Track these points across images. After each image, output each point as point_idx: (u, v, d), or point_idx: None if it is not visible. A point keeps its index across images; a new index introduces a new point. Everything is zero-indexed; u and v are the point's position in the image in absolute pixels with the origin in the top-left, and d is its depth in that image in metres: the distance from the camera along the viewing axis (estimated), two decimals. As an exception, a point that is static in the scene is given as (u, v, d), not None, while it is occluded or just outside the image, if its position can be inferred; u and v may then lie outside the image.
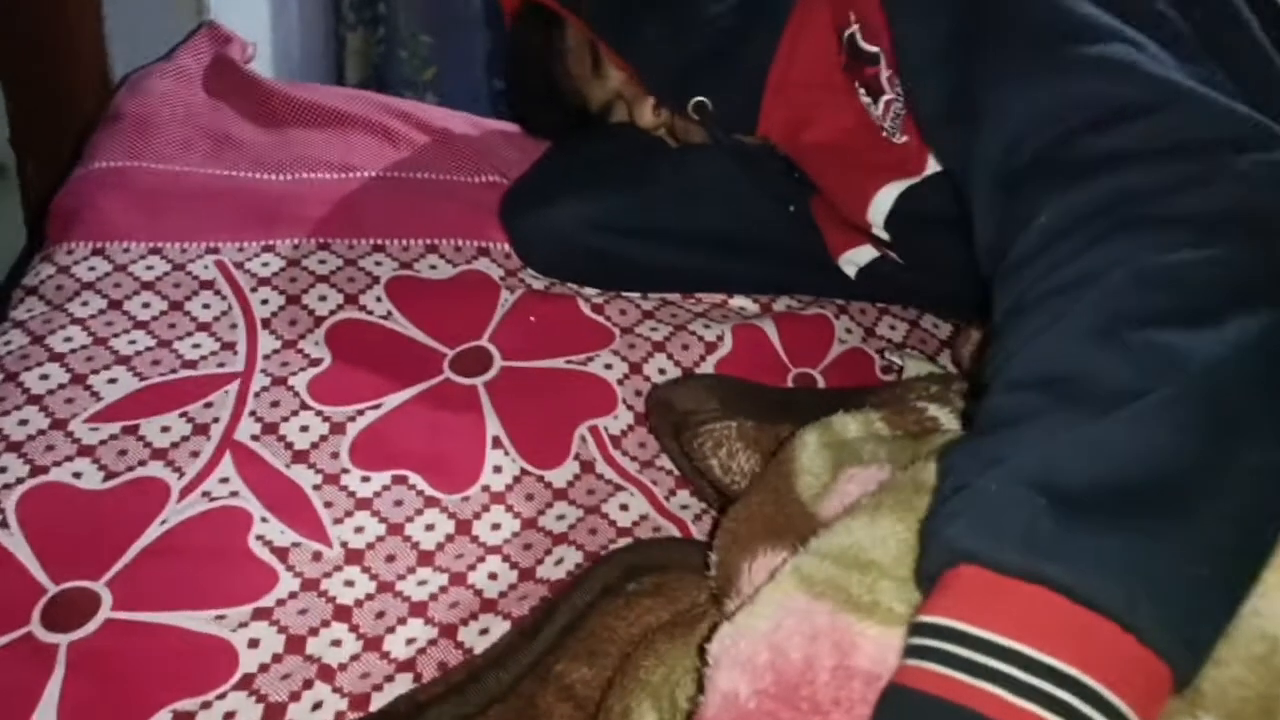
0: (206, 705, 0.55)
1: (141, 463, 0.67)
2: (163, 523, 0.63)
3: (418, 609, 0.62)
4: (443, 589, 0.63)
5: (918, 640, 0.40)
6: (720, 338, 0.83)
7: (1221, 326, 0.41)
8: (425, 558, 0.65)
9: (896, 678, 0.40)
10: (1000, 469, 0.41)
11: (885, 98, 0.69)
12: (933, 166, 0.69)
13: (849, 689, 0.43)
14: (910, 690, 0.39)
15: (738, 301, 0.90)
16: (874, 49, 0.67)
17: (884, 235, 0.74)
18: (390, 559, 0.64)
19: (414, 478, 0.69)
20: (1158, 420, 0.39)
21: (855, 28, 0.69)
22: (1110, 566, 0.37)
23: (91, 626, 0.57)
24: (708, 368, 0.81)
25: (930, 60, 0.57)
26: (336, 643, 0.59)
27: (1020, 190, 0.50)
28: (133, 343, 0.75)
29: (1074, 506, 0.38)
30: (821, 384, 0.82)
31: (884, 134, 0.71)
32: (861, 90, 0.71)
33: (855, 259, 0.83)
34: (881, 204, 0.72)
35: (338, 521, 0.66)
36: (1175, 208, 0.44)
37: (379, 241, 0.87)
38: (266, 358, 0.76)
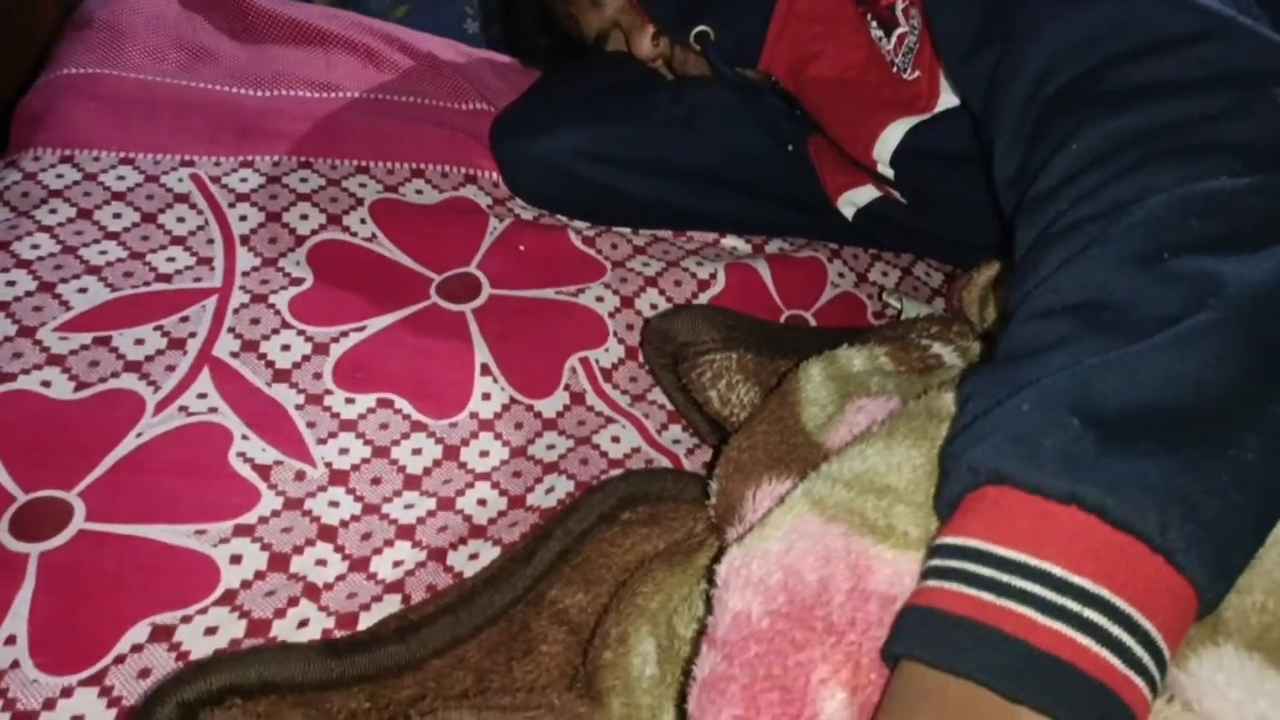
0: (187, 619, 0.53)
1: (114, 374, 0.64)
2: (138, 435, 0.61)
3: (405, 532, 0.60)
4: (430, 513, 0.62)
5: (939, 561, 0.39)
6: (713, 275, 0.81)
7: (1260, 254, 0.40)
8: (412, 482, 0.63)
9: (916, 598, 0.39)
10: (1032, 391, 0.40)
11: (899, 30, 0.68)
12: (944, 103, 0.68)
13: (865, 611, 0.43)
14: (931, 609, 0.38)
15: (729, 241, 0.88)
16: (890, -21, 0.66)
17: (889, 173, 0.73)
18: (376, 481, 0.62)
19: (400, 401, 0.67)
20: (1196, 346, 0.39)
21: (871, -44, 0.67)
22: (1145, 489, 0.36)
23: (63, 537, 0.55)
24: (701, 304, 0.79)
25: None
26: (322, 562, 0.57)
27: (1051, 121, 0.48)
28: (104, 253, 0.72)
29: (1109, 429, 0.38)
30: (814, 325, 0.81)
31: (894, 69, 0.70)
32: (874, 23, 0.70)
33: (855, 199, 0.82)
34: (889, 141, 0.71)
35: (321, 442, 0.63)
36: (1216, 136, 0.43)
37: (362, 163, 0.84)
38: (245, 274, 0.73)
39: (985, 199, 0.60)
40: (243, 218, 0.77)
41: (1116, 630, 0.36)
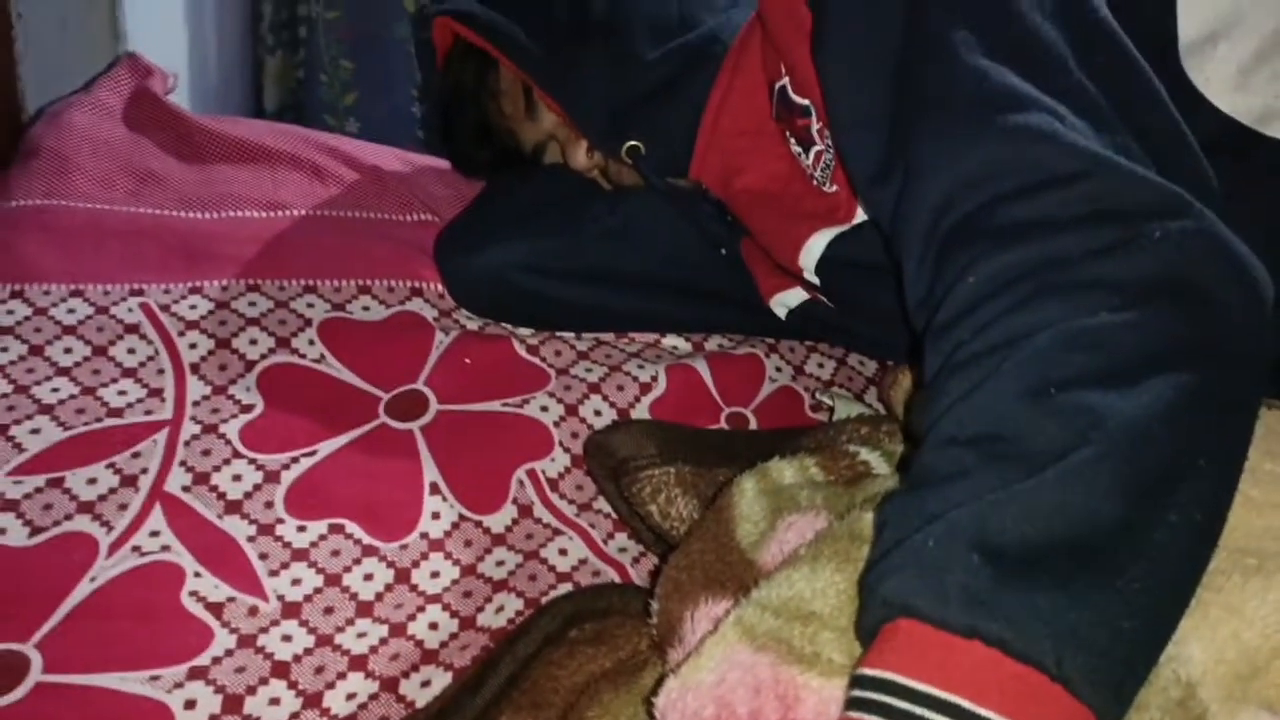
0: (143, 771, 0.54)
1: (68, 516, 0.65)
2: (92, 580, 0.62)
3: (358, 662, 0.62)
4: (383, 640, 0.63)
5: (858, 693, 0.42)
6: (654, 378, 0.84)
7: (1138, 387, 0.43)
8: (364, 608, 0.65)
9: (839, 730, 0.42)
10: (937, 525, 0.43)
11: (815, 148, 0.71)
12: (862, 215, 0.71)
13: (793, 741, 0.45)
14: (853, 742, 0.40)
15: (670, 340, 0.91)
16: (804, 101, 0.69)
17: (815, 280, 0.76)
18: (329, 611, 0.64)
19: (351, 526, 0.69)
20: (1080, 479, 0.42)
21: (785, 80, 0.71)
22: (1040, 623, 0.39)
23: (21, 691, 0.55)
24: (643, 409, 0.82)
25: (862, 122, 0.59)
26: (275, 700, 0.59)
27: (949, 253, 0.52)
28: (55, 390, 0.73)
29: (1007, 564, 0.40)
30: (754, 423, 0.84)
31: (814, 182, 0.73)
32: (792, 140, 0.74)
33: (786, 301, 0.85)
34: (813, 250, 0.74)
35: (274, 574, 0.65)
36: (1096, 273, 0.46)
37: (310, 282, 0.86)
38: (196, 404, 0.74)
39: (903, 305, 0.63)
40: (192, 345, 0.79)
41: (1020, 759, 0.38)
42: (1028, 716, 0.38)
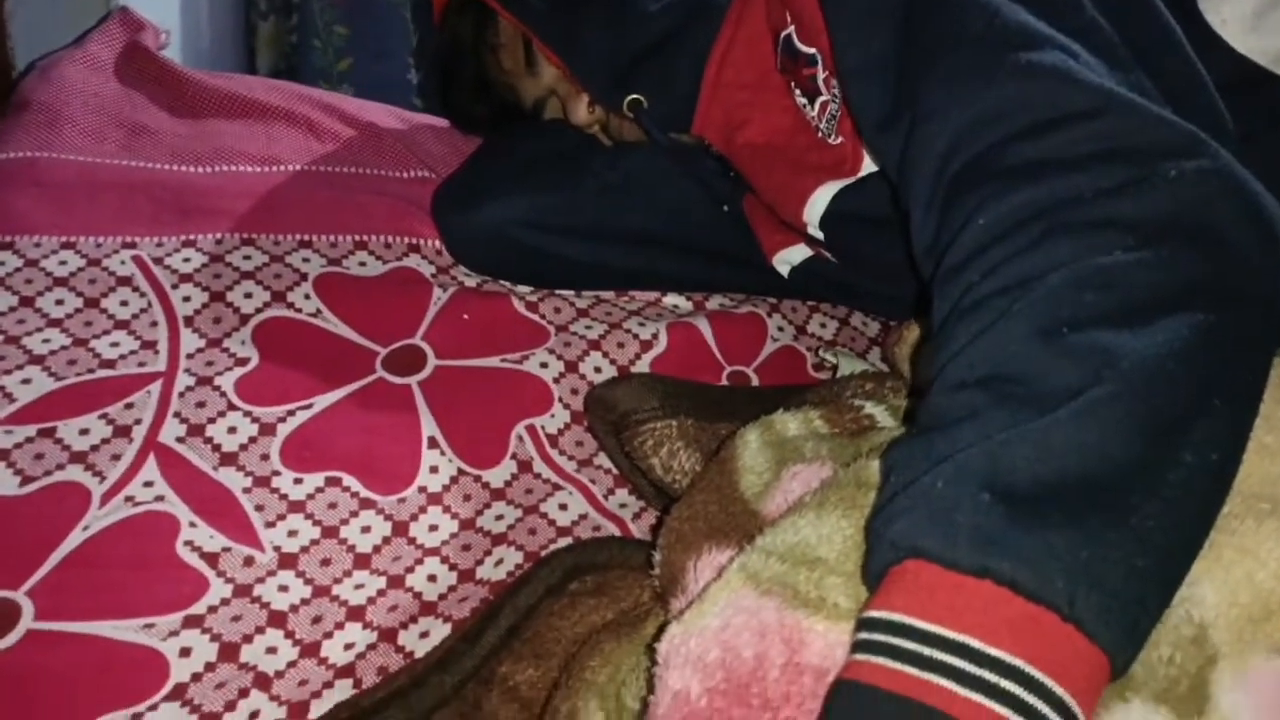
0: (137, 717, 0.53)
1: (60, 466, 0.64)
2: (85, 529, 0.61)
3: (355, 613, 0.61)
4: (381, 592, 0.62)
5: (866, 635, 0.41)
6: (655, 336, 0.83)
7: (1152, 326, 0.42)
8: (362, 561, 0.64)
9: (845, 672, 0.41)
10: (946, 466, 0.42)
11: (821, 99, 0.70)
12: (868, 167, 0.70)
13: (799, 684, 0.44)
14: (859, 684, 0.40)
15: (671, 299, 0.90)
16: (811, 50, 0.68)
17: (819, 235, 0.75)
18: (326, 563, 0.63)
19: (348, 479, 0.68)
20: (1094, 418, 0.41)
21: (791, 29, 0.70)
22: (1052, 561, 0.38)
23: (13, 638, 0.55)
24: (643, 366, 0.81)
25: (870, 67, 0.58)
26: (272, 649, 0.58)
27: (958, 196, 0.51)
28: (46, 341, 0.72)
29: (1018, 503, 0.40)
30: (755, 382, 0.83)
31: (819, 134, 0.72)
32: (797, 91, 0.72)
33: (789, 258, 0.84)
34: (817, 204, 0.73)
35: (270, 525, 0.64)
36: (1110, 212, 0.45)
37: (305, 237, 0.85)
38: (190, 357, 0.73)
39: (909, 259, 0.62)
40: (186, 299, 0.77)
41: (1032, 699, 0.37)
42: (1040, 656, 0.38)
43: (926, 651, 0.39)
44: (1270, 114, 0.60)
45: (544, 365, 0.79)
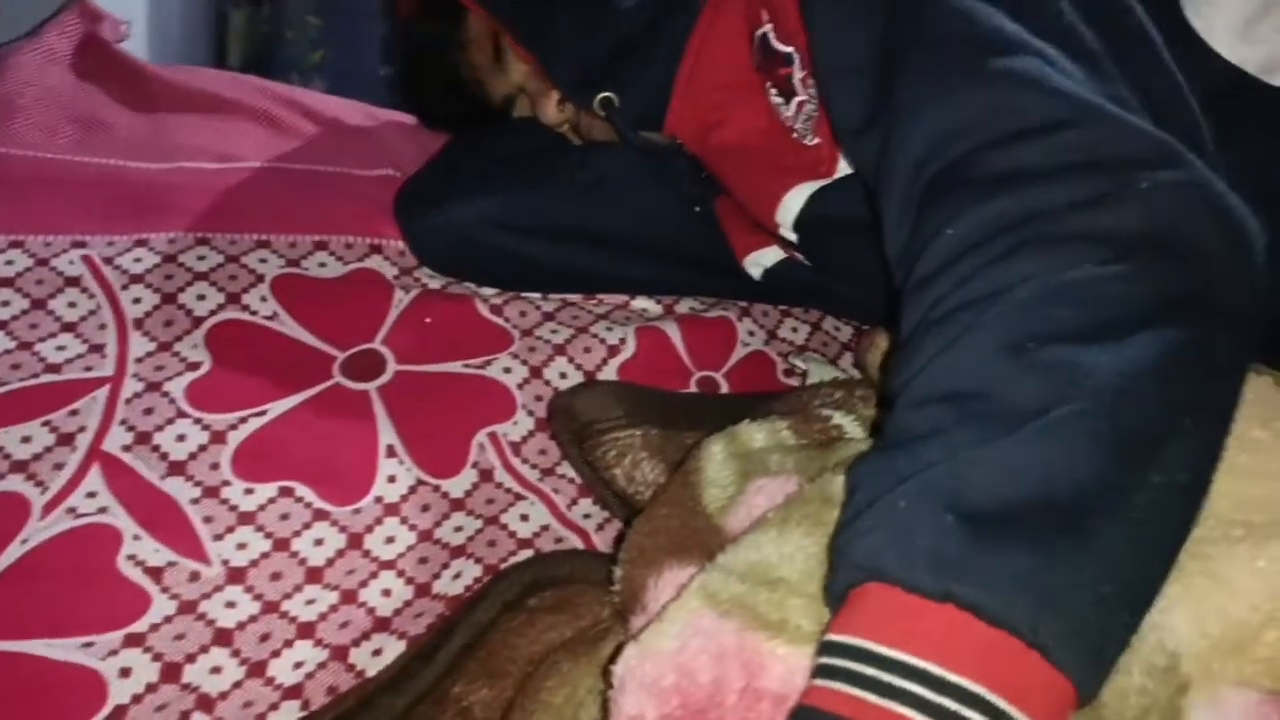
0: (71, 742, 0.51)
1: (0, 476, 0.62)
2: (23, 542, 0.59)
3: (305, 630, 0.59)
4: (333, 608, 0.60)
5: (826, 659, 0.40)
6: (623, 340, 0.81)
7: (1124, 343, 0.41)
8: (314, 575, 0.62)
9: (804, 698, 0.39)
10: (909, 485, 0.40)
11: (798, 99, 0.69)
12: (843, 169, 0.69)
13: (756, 711, 0.43)
14: (818, 711, 0.38)
15: (640, 303, 0.89)
16: (788, 49, 0.67)
17: (792, 237, 0.74)
18: (276, 577, 0.61)
19: (302, 489, 0.66)
20: (1060, 438, 0.39)
21: (768, 27, 0.68)
22: (1015, 585, 0.37)
23: (-59, 659, 0.52)
24: (610, 371, 0.79)
25: (847, 69, 0.56)
26: (216, 669, 0.56)
27: (931, 204, 0.49)
28: (-11, 345, 0.69)
29: (981, 525, 0.38)
30: (725, 387, 0.81)
31: (795, 135, 0.71)
32: (773, 91, 0.71)
33: (761, 260, 0.82)
34: (791, 205, 0.71)
35: (218, 538, 0.62)
36: (1082, 224, 0.44)
37: (263, 237, 0.82)
38: (139, 361, 0.71)
39: (884, 263, 0.61)
40: (136, 300, 0.75)
41: (995, 728, 0.36)
42: (1002, 684, 0.36)
43: (886, 678, 0.37)
44: (1259, 122, 0.59)
45: (507, 370, 0.77)
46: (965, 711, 0.36)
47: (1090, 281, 0.43)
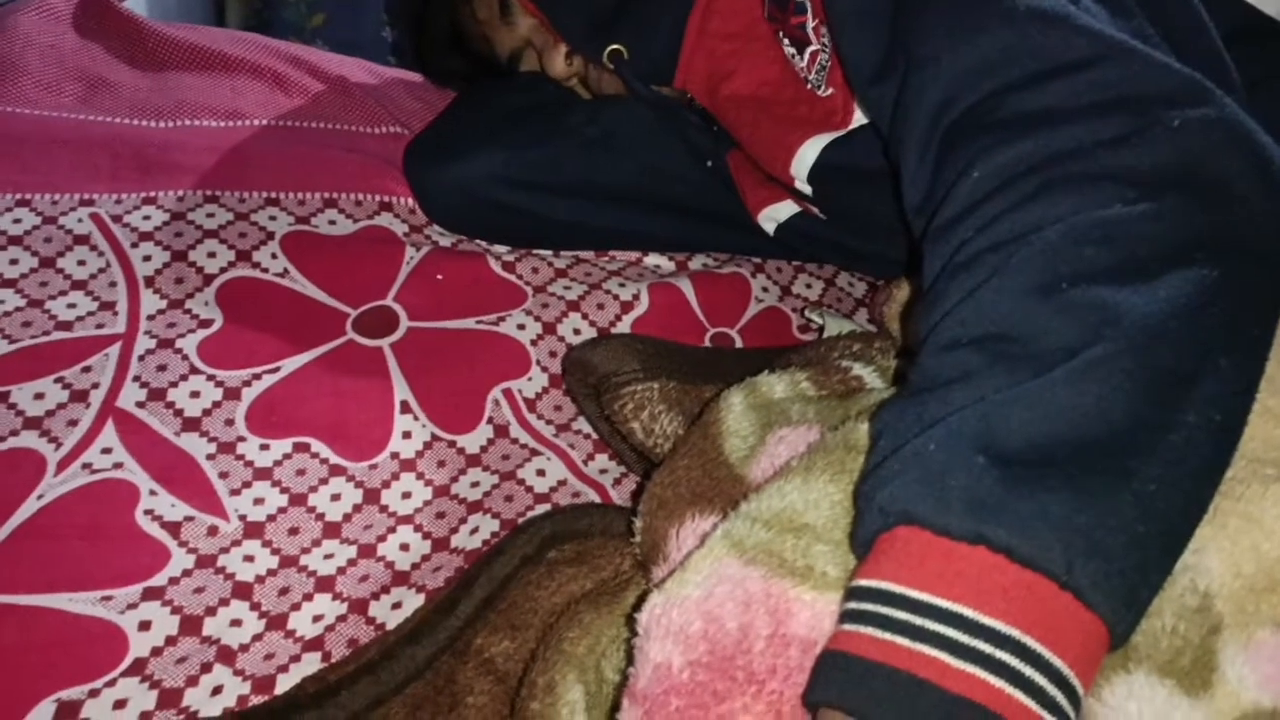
0: (94, 693, 0.51)
1: (14, 433, 0.61)
2: (39, 497, 0.58)
3: (324, 584, 0.59)
4: (351, 562, 0.60)
5: (855, 604, 0.39)
6: (636, 296, 0.80)
7: (1155, 283, 0.40)
8: (331, 529, 0.61)
9: (833, 643, 0.39)
10: (938, 429, 0.40)
11: (811, 48, 0.67)
12: (858, 119, 0.68)
13: (785, 657, 0.42)
14: (848, 655, 0.38)
15: (652, 259, 0.88)
16: (801, -2, 0.65)
17: (806, 190, 0.73)
18: (293, 532, 0.61)
19: (317, 445, 0.65)
20: (1094, 379, 0.39)
21: (780, -26, 0.67)
22: (1049, 527, 0.36)
23: (-39, 614, 0.52)
24: (624, 327, 0.79)
25: (861, 13, 0.55)
26: (236, 622, 0.56)
27: (952, 149, 0.48)
28: (1, 302, 0.69)
29: (1013, 466, 0.38)
30: (739, 343, 0.81)
31: (808, 86, 0.69)
32: (785, 40, 0.69)
33: (774, 215, 0.81)
34: (805, 157, 0.70)
35: (235, 493, 0.62)
36: (1110, 163, 0.43)
37: (272, 194, 0.82)
38: (150, 318, 0.70)
39: (900, 214, 0.60)
40: (146, 258, 0.74)
41: (1029, 671, 0.36)
42: (1035, 626, 0.36)
43: (918, 621, 0.37)
44: (1278, 64, 0.57)
45: (521, 327, 0.76)
46: (998, 654, 0.35)
47: (1120, 221, 0.42)
